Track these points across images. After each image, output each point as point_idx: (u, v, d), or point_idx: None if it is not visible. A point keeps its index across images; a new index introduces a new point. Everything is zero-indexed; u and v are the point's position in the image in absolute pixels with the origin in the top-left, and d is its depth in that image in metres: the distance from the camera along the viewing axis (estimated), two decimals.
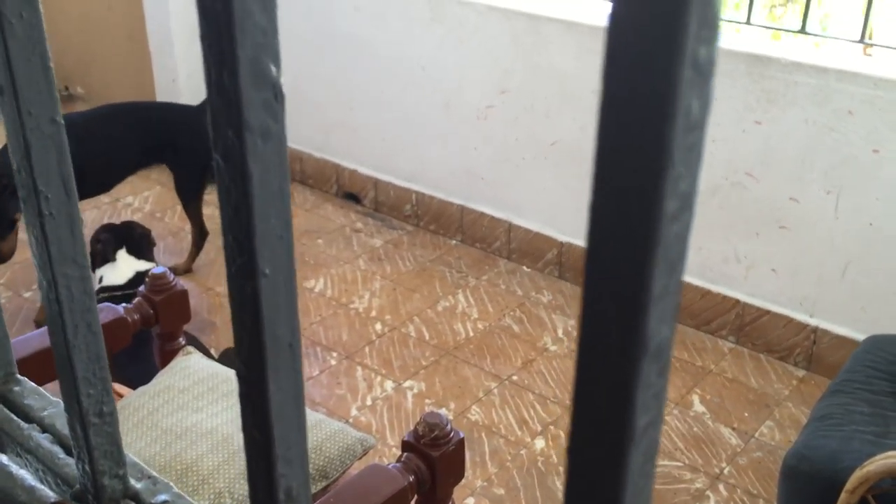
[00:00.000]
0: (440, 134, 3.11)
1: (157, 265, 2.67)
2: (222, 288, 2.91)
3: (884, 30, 3.35)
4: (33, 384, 0.57)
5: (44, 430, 0.55)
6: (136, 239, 2.56)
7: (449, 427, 1.57)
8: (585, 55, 2.68)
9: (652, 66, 0.20)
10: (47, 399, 0.55)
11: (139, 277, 2.46)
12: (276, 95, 0.30)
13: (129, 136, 2.77)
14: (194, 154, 2.87)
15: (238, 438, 1.55)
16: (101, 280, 2.47)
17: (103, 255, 2.48)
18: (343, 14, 3.18)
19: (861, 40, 2.44)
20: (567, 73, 2.73)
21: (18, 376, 0.57)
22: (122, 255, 2.51)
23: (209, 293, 2.91)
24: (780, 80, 2.38)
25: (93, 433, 0.46)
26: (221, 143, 0.30)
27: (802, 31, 2.46)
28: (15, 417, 0.54)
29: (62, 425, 0.53)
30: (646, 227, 0.21)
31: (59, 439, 0.54)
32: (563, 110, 2.78)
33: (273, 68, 0.29)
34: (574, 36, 2.68)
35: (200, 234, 2.98)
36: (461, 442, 1.57)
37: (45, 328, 1.66)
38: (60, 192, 0.39)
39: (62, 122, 0.38)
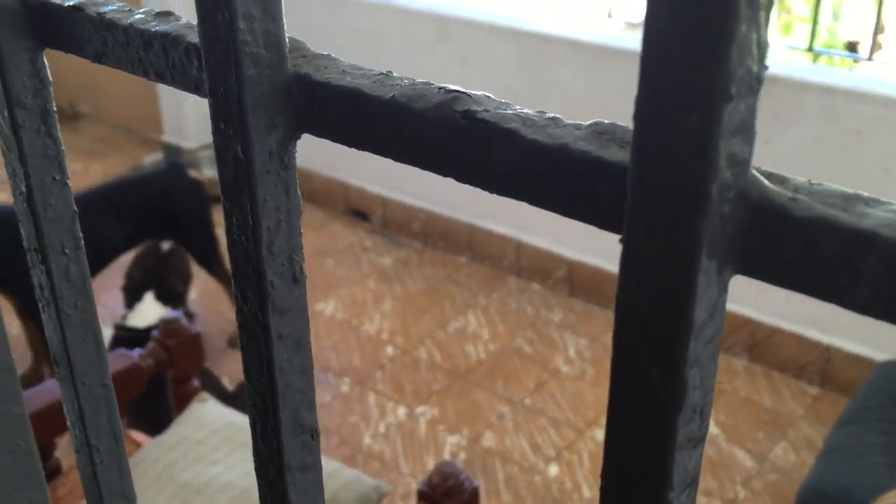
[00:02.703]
0: None
1: (185, 309, 2.68)
2: (231, 315, 2.92)
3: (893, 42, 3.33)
4: None
5: None
6: (167, 284, 2.57)
7: (463, 476, 1.58)
8: (592, 75, 2.67)
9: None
10: None
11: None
12: (313, 435, 0.31)
13: (109, 226, 2.47)
14: (195, 219, 2.68)
15: (255, 493, 1.57)
16: (124, 318, 2.50)
17: (133, 295, 2.49)
18: (347, 35, 3.18)
19: (870, 57, 2.44)
20: (574, 92, 2.73)
21: None
22: (148, 298, 2.51)
23: (219, 318, 2.92)
24: (787, 99, 2.38)
25: None
26: (264, 478, 0.31)
27: (810, 49, 2.45)
28: None
29: None
30: None
31: None
32: None
33: (309, 415, 0.30)
34: (581, 56, 2.68)
35: None
36: (475, 491, 1.59)
37: (47, 382, 1.68)
38: (111, 443, 0.41)
39: (111, 383, 0.40)
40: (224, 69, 0.23)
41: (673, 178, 0.17)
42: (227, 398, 2.30)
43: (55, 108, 0.33)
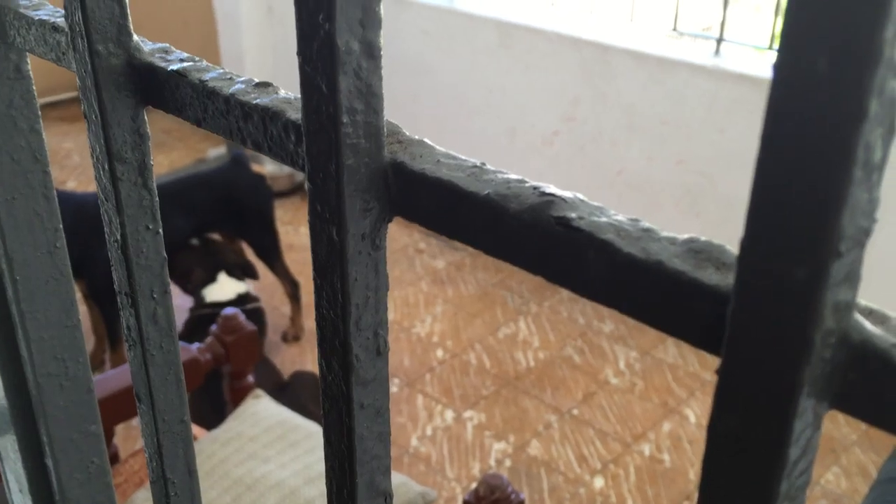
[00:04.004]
0: (505, 158, 3.11)
1: (253, 284, 2.75)
2: (287, 309, 2.97)
3: None
4: None
5: None
6: (230, 265, 2.64)
7: (510, 489, 1.59)
8: (653, 86, 2.64)
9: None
10: None
11: (240, 298, 2.55)
12: (386, 498, 0.31)
13: (173, 219, 2.48)
14: (257, 213, 2.71)
15: (304, 492, 1.60)
16: (202, 298, 2.58)
17: (205, 281, 2.57)
18: (412, 38, 3.20)
19: None
20: (634, 103, 2.70)
21: None
22: (223, 277, 2.59)
23: (275, 313, 2.97)
24: None
25: None
26: None
27: None
28: None
29: None
30: None
31: None
32: (630, 140, 2.76)
33: (384, 480, 0.31)
34: (643, 67, 2.65)
35: (294, 287, 2.84)
36: None
37: (108, 372, 1.72)
38: (185, 476, 0.43)
39: (189, 420, 0.42)
40: (325, 158, 0.24)
41: (776, 322, 0.17)
42: (280, 388, 2.35)
43: (152, 162, 0.35)
